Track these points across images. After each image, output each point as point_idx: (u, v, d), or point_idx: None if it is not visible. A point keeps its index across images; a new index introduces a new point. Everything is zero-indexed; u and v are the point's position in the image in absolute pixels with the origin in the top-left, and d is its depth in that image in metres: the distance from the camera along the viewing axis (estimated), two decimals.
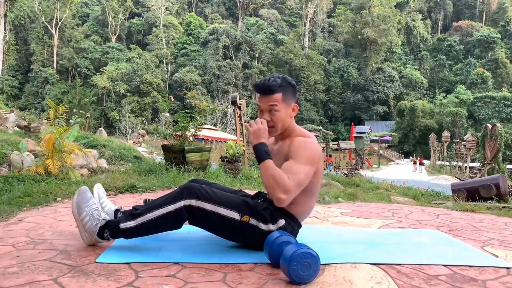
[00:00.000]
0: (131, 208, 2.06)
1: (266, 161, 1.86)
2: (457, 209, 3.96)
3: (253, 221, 1.89)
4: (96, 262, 1.73)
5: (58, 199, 3.33)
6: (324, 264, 1.79)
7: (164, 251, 1.91)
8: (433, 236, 2.53)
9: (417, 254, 2.04)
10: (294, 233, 2.00)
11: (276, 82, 1.97)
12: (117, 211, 2.07)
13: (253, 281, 1.58)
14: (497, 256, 2.12)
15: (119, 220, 1.89)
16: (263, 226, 1.90)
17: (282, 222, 1.93)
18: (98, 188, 2.19)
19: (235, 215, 1.88)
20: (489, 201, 5.09)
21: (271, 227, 1.90)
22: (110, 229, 1.89)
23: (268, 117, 1.98)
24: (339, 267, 1.79)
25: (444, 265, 1.88)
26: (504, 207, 4.15)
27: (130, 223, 1.86)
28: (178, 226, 1.91)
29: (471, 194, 5.27)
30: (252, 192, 2.27)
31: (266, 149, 1.91)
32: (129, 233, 1.89)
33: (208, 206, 1.86)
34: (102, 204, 2.10)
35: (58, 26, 60.08)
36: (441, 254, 2.07)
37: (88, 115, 21.86)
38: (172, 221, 1.88)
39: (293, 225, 1.98)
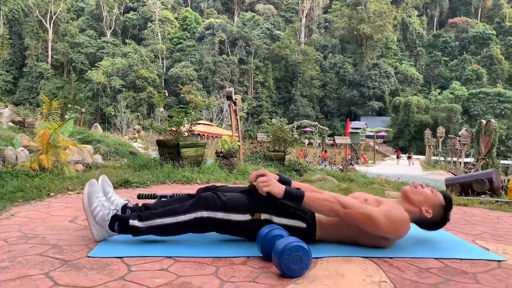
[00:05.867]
0: (140, 205, 2.06)
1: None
2: None
3: (264, 216, 1.90)
4: (88, 257, 1.72)
5: (52, 194, 3.32)
6: (317, 258, 1.80)
7: (157, 245, 1.91)
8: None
9: (409, 247, 2.05)
10: (306, 241, 1.87)
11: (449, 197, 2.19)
12: (125, 207, 2.04)
13: (245, 275, 1.59)
14: (488, 249, 2.14)
15: (129, 217, 1.90)
16: (275, 219, 1.90)
17: (301, 223, 1.94)
18: (103, 180, 2.11)
19: (247, 217, 1.89)
20: (482, 196, 5.13)
21: (283, 221, 1.91)
22: (121, 223, 1.89)
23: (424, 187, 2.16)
24: (331, 260, 1.80)
25: (435, 258, 1.90)
26: (497, 201, 4.18)
27: (139, 224, 1.87)
28: (185, 233, 1.94)
29: (465, 189, 5.31)
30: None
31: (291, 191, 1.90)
32: (137, 233, 1.90)
33: (219, 215, 1.88)
34: (110, 198, 2.05)
35: (53, 20, 59.63)
36: (433, 247, 2.08)
37: (83, 110, 21.77)
38: (179, 230, 1.91)
39: (311, 234, 1.97)
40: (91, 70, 55.53)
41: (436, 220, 2.09)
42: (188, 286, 1.46)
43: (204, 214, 1.87)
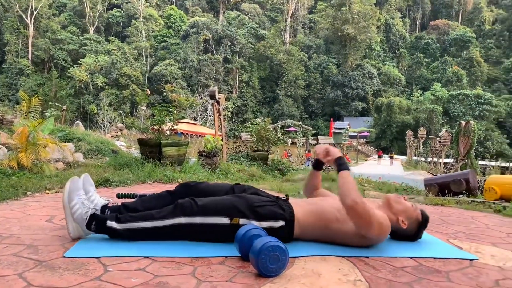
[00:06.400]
0: (119, 204, 2.06)
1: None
2: (428, 203, 4.07)
3: (243, 221, 1.90)
4: (64, 257, 1.70)
5: (29, 193, 3.26)
6: (294, 257, 1.81)
7: (135, 244, 1.89)
8: None
9: (385, 247, 2.09)
10: (284, 240, 1.90)
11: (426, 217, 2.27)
12: (104, 207, 2.02)
13: (222, 274, 1.59)
14: (461, 248, 2.20)
15: (107, 218, 1.89)
16: (255, 224, 1.90)
17: (281, 223, 1.95)
18: (85, 179, 2.06)
19: (224, 220, 1.90)
20: (459, 196, 5.24)
21: (264, 224, 1.91)
22: (98, 223, 1.88)
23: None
24: (309, 259, 1.82)
25: (410, 257, 1.94)
26: (473, 201, 4.28)
27: (116, 226, 1.87)
28: (162, 239, 1.95)
29: (443, 189, 5.42)
30: None
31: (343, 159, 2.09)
32: (114, 235, 1.90)
33: (197, 220, 1.89)
34: (91, 198, 2.02)
35: (34, 16, 58.37)
36: (408, 246, 2.13)
37: (64, 108, 21.38)
38: (157, 235, 1.92)
39: (289, 232, 1.99)
40: (73, 67, 54.55)
41: (409, 234, 2.16)
42: (165, 286, 1.45)
43: (182, 220, 1.88)
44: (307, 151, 24.09)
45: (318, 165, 2.34)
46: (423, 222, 2.17)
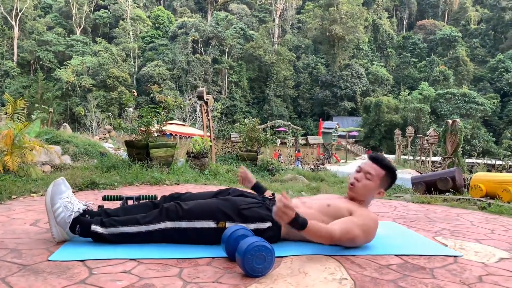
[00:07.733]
0: (97, 207, 2.06)
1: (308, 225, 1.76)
2: (414, 201, 4.11)
3: (230, 225, 1.90)
4: (49, 260, 1.69)
5: (13, 196, 3.21)
6: (281, 257, 1.82)
7: (121, 247, 1.88)
8: (388, 227, 2.61)
9: (371, 244, 2.11)
10: (272, 240, 1.91)
11: (387, 163, 2.16)
12: (84, 211, 1.98)
13: (208, 275, 1.59)
14: (446, 245, 2.23)
15: (91, 221, 1.88)
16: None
17: (267, 224, 1.96)
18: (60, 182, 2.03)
19: (210, 224, 1.90)
20: (446, 193, 5.31)
21: (251, 226, 1.92)
22: (83, 226, 1.87)
23: (361, 176, 2.12)
24: (295, 259, 1.83)
25: (396, 255, 1.96)
26: (459, 198, 4.34)
27: (101, 230, 1.86)
28: (148, 243, 1.94)
29: (430, 187, 5.48)
30: (215, 188, 2.27)
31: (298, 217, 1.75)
32: (98, 239, 1.89)
33: (183, 224, 1.89)
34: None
35: (19, 17, 57.60)
36: (394, 244, 2.15)
37: (51, 110, 21.11)
38: (143, 239, 1.92)
39: (276, 232, 2.00)
40: (60, 69, 53.93)
41: (389, 186, 2.19)
42: None
43: (168, 225, 1.89)
44: (296, 151, 24.18)
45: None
46: (388, 173, 2.13)
